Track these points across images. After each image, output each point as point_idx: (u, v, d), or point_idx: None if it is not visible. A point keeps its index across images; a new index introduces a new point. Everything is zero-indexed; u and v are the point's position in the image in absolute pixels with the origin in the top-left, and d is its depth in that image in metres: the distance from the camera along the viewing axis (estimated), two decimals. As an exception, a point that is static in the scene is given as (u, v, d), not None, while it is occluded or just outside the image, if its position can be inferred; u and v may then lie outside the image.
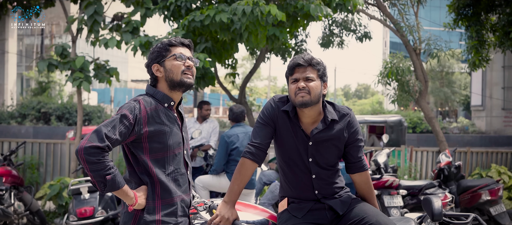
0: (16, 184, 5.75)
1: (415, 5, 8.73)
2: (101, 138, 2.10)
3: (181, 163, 2.37)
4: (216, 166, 5.28)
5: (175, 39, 2.37)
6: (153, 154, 2.26)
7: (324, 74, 2.57)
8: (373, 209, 2.57)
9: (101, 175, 2.11)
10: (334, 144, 2.60)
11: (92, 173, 2.11)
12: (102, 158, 2.10)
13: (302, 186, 2.62)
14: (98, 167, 2.09)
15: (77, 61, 6.17)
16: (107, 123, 2.16)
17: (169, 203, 2.28)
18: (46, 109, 17.14)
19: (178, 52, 2.34)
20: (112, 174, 2.13)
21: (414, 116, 21.15)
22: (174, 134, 2.32)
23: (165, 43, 2.35)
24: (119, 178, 2.15)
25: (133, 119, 2.19)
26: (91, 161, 2.08)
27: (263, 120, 2.63)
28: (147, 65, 2.38)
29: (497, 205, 6.21)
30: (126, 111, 2.20)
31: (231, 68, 7.91)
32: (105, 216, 4.99)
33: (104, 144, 2.10)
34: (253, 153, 2.57)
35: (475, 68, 8.66)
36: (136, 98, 2.29)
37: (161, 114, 2.29)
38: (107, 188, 2.14)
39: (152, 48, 2.38)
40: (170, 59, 2.33)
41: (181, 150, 2.37)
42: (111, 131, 2.13)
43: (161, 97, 2.33)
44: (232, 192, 2.54)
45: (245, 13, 5.24)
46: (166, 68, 2.33)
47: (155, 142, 2.26)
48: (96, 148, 2.08)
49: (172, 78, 2.32)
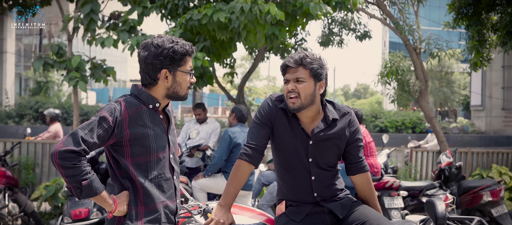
0: (10, 185, 5.66)
1: (415, 4, 8.65)
2: (77, 141, 1.99)
3: (166, 168, 2.25)
4: (216, 160, 5.14)
5: (191, 49, 2.21)
6: (135, 158, 2.15)
7: (319, 73, 2.43)
8: (374, 212, 2.48)
9: (77, 181, 2.00)
10: (335, 143, 2.52)
11: (68, 179, 2.00)
12: (78, 163, 1.99)
13: (301, 188, 2.53)
14: (74, 172, 1.98)
15: (73, 61, 6.09)
16: (85, 125, 2.05)
17: (152, 209, 2.17)
18: (44, 109, 17.08)
19: (190, 66, 2.22)
20: (89, 179, 2.02)
21: (414, 116, 21.11)
22: (158, 137, 2.21)
23: (181, 52, 2.17)
24: (96, 184, 2.05)
25: (113, 122, 2.08)
26: (66, 166, 1.97)
27: (260, 120, 2.53)
28: (151, 64, 2.16)
29: (498, 206, 6.15)
30: (106, 113, 2.08)
31: (230, 67, 7.83)
32: (100, 217, 4.90)
33: (80, 147, 1.99)
34: (250, 155, 2.48)
35: (476, 68, 8.59)
36: (117, 100, 2.16)
37: (145, 116, 2.17)
38: (83, 194, 2.03)
39: (163, 47, 2.15)
40: (183, 73, 2.19)
41: (166, 153, 2.26)
42: (88, 134, 2.02)
43: (146, 98, 2.20)
44: (228, 195, 2.44)
45: (243, 11, 5.16)
46: (176, 79, 2.19)
47: (137, 145, 2.14)
48: (72, 152, 1.97)
49: (177, 92, 2.21)
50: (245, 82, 8.24)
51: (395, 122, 20.51)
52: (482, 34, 8.44)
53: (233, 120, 5.35)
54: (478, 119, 23.86)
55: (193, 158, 6.00)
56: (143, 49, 2.19)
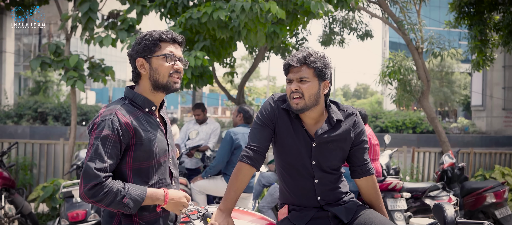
0: (7, 186, 5.57)
1: (417, 3, 8.57)
2: (93, 175, 1.92)
3: (166, 173, 2.17)
4: (217, 162, 4.98)
5: (167, 34, 2.12)
6: (137, 163, 2.06)
7: (323, 72, 2.35)
8: (380, 216, 2.39)
9: (118, 203, 1.94)
10: (339, 145, 2.43)
11: (110, 207, 1.95)
12: (106, 189, 1.92)
13: (304, 192, 2.44)
14: (109, 199, 1.93)
15: (71, 60, 6.00)
16: (91, 155, 1.95)
17: (151, 218, 2.09)
18: (43, 109, 16.98)
19: (168, 51, 2.11)
20: (126, 194, 1.95)
21: (414, 116, 21.02)
22: (159, 141, 2.12)
23: (154, 37, 2.09)
24: (136, 192, 1.98)
25: (117, 135, 1.98)
26: (100, 199, 1.92)
27: (262, 121, 2.44)
28: (130, 56, 2.13)
29: (502, 208, 6.06)
30: (106, 131, 1.97)
31: (230, 67, 7.74)
32: (97, 219, 4.82)
33: (98, 179, 1.92)
34: (251, 157, 2.38)
35: (479, 68, 8.51)
36: (111, 110, 2.03)
37: (142, 120, 2.09)
38: (133, 208, 1.97)
39: (139, 38, 2.12)
40: (158, 58, 2.09)
41: (167, 158, 2.17)
42: (99, 161, 1.94)
43: (142, 102, 2.12)
44: (228, 199, 2.35)
45: (244, 10, 5.07)
46: (152, 66, 2.10)
47: (141, 150, 2.05)
48: (94, 186, 1.91)
49: (157, 80, 2.10)
50: (245, 82, 8.16)
51: (395, 122, 20.43)
52: (485, 34, 8.36)
53: (239, 120, 5.17)
54: (478, 119, 23.77)
55: (192, 158, 5.91)
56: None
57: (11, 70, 20.60)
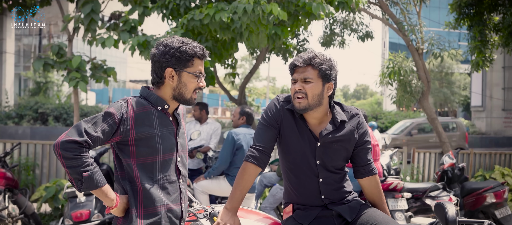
0: (10, 187, 5.60)
1: (418, 4, 8.61)
2: (79, 132, 1.98)
3: (171, 170, 2.22)
4: (220, 163, 4.99)
5: (200, 51, 2.16)
6: (141, 158, 2.12)
7: (328, 74, 2.38)
8: (383, 215, 2.43)
9: (78, 172, 1.97)
10: (343, 145, 2.47)
11: (69, 169, 1.98)
12: (79, 154, 1.96)
13: (308, 191, 2.48)
14: (75, 163, 1.96)
15: (74, 61, 6.03)
16: (89, 118, 2.04)
17: (152, 213, 2.13)
18: (44, 110, 17.01)
19: (199, 69, 2.18)
20: (90, 171, 1.99)
21: (414, 116, 21.06)
22: (165, 139, 2.17)
23: (189, 53, 2.14)
24: (98, 177, 2.02)
25: (119, 118, 2.06)
26: (68, 156, 1.95)
27: (267, 121, 2.48)
28: (158, 61, 2.15)
29: (502, 208, 6.10)
30: (112, 110, 2.07)
31: (231, 68, 7.78)
32: (101, 220, 4.85)
33: (82, 138, 1.96)
34: (257, 157, 2.42)
35: (479, 69, 8.55)
36: (125, 98, 2.15)
37: (153, 117, 2.15)
38: (84, 186, 2.00)
39: (171, 46, 2.14)
40: (189, 74, 2.16)
41: (173, 156, 2.22)
42: (92, 127, 2.01)
43: (155, 100, 2.18)
44: (234, 198, 2.39)
45: (246, 11, 5.10)
46: (181, 79, 2.16)
47: (143, 145, 2.11)
48: (74, 142, 1.95)
49: (183, 94, 2.18)
50: (246, 83, 8.19)
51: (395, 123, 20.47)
52: (484, 35, 8.40)
53: (241, 122, 5.19)
54: (478, 119, 23.81)
55: (194, 159, 5.95)
56: (155, 47, 2.19)
57: (11, 70, 20.62)
